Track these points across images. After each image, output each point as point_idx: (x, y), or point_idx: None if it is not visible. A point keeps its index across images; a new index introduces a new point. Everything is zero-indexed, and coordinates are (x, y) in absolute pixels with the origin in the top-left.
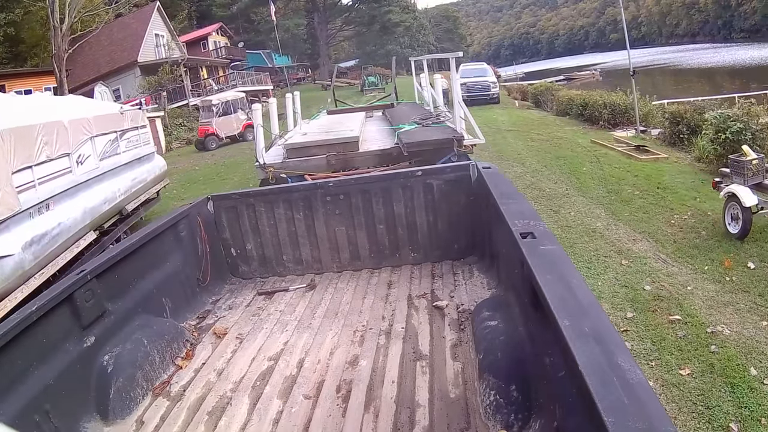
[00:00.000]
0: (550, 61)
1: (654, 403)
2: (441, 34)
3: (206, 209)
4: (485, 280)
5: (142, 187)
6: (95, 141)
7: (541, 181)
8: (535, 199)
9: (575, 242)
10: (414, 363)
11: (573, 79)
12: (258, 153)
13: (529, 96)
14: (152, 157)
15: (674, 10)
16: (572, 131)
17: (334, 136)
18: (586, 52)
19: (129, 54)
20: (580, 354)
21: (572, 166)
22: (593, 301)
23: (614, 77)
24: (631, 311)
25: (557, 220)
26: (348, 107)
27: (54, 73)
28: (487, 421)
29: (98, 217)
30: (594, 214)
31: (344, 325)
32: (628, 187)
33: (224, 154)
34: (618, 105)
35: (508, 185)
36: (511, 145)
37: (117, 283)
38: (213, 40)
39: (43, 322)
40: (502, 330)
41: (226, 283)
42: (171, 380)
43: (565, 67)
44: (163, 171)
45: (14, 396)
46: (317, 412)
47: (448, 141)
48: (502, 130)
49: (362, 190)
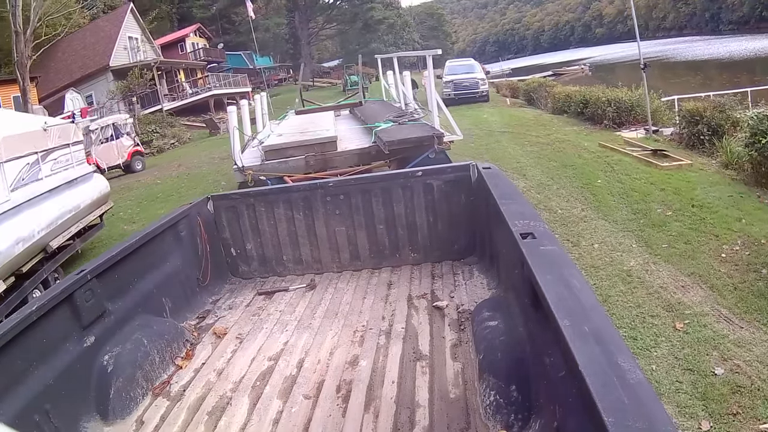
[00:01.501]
0: (536, 57)
1: (654, 403)
2: (426, 32)
3: (206, 209)
4: (485, 280)
5: (75, 215)
6: (4, 167)
7: (550, 198)
8: None
9: (608, 293)
10: (414, 363)
11: (561, 74)
12: (235, 156)
13: (521, 93)
14: (89, 178)
15: (661, 3)
16: (574, 132)
17: (312, 137)
18: (572, 47)
19: (101, 58)
20: (580, 354)
21: (584, 177)
22: (593, 301)
23: (603, 71)
24: (706, 417)
25: (579, 256)
26: (316, 107)
27: (17, 82)
28: (487, 421)
29: (6, 263)
30: (624, 247)
31: (344, 325)
32: (657, 205)
33: (190, 164)
34: (624, 102)
35: (509, 185)
36: (508, 151)
37: (117, 282)
38: (191, 41)
39: (43, 322)
40: (502, 330)
41: (226, 283)
42: (171, 380)
43: (552, 62)
44: (105, 193)
45: (14, 396)
46: (317, 412)
47: (428, 138)
48: (495, 132)
49: (362, 190)
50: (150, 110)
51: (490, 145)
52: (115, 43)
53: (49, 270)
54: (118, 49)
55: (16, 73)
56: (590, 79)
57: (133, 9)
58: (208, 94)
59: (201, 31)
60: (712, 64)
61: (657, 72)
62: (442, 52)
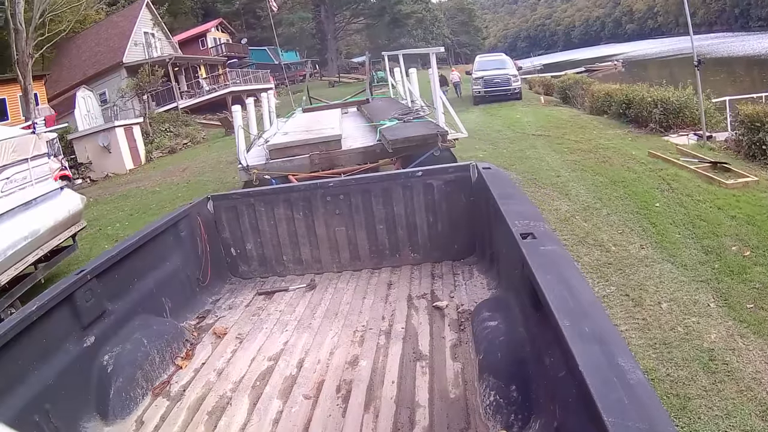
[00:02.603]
0: (567, 53)
1: (654, 403)
2: (456, 27)
3: (206, 209)
4: (485, 280)
5: (33, 242)
6: None
7: (600, 228)
8: (596, 269)
9: (688, 394)
10: (414, 363)
11: (594, 70)
12: (240, 155)
13: (556, 90)
14: (54, 196)
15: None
16: (618, 137)
17: (316, 135)
18: (603, 43)
19: (115, 55)
20: (580, 354)
21: (638, 198)
22: (594, 301)
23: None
24: None
25: (644, 325)
26: (323, 104)
27: (18, 81)
28: (487, 422)
29: None
30: (699, 307)
31: (344, 325)
32: (731, 241)
33: (196, 168)
34: (672, 103)
35: (509, 185)
36: (546, 160)
37: (117, 282)
38: (212, 36)
39: (43, 322)
40: (502, 330)
41: (226, 282)
42: (171, 380)
43: (583, 58)
44: (76, 211)
45: (14, 396)
46: (317, 412)
47: (432, 137)
48: (529, 136)
49: (362, 190)
50: (165, 108)
51: (525, 152)
52: (129, 39)
53: (1, 307)
54: (132, 45)
55: (16, 72)
56: (624, 75)
57: (149, 4)
58: (226, 91)
59: (223, 26)
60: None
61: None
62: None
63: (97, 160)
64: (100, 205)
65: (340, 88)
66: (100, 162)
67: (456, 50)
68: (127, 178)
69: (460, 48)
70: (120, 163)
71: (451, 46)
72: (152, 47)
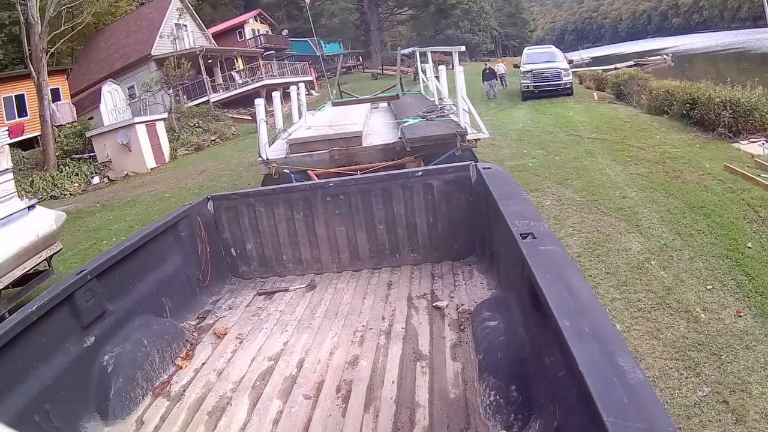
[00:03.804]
0: (614, 46)
1: (654, 403)
2: (504, 19)
3: (206, 209)
4: (485, 280)
5: None
6: None
7: (683, 280)
8: (682, 353)
9: None
10: (414, 363)
11: (644, 64)
12: (261, 148)
13: (609, 85)
14: (19, 217)
15: None
16: (684, 143)
17: (337, 131)
18: (649, 37)
19: (143, 47)
20: (580, 354)
21: (724, 233)
22: (593, 301)
23: (688, 62)
24: None
25: None
26: (353, 98)
27: (31, 77)
28: (487, 421)
29: None
30: None
31: (344, 325)
32: None
33: (215, 170)
34: (741, 104)
35: (509, 185)
36: (606, 173)
37: (117, 283)
38: (250, 28)
39: (43, 322)
40: (502, 330)
41: (226, 283)
42: (171, 380)
43: (630, 52)
44: (49, 233)
45: (14, 396)
46: (317, 412)
47: (450, 136)
48: (584, 139)
49: (362, 190)
50: (196, 102)
51: (581, 161)
52: (159, 31)
53: None
54: (161, 37)
55: (29, 67)
56: (675, 70)
57: None
58: (259, 84)
59: (262, 17)
60: None
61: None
62: (521, 40)
63: (117, 159)
64: (105, 212)
65: (382, 81)
66: (120, 160)
67: (503, 42)
68: (145, 178)
69: (507, 40)
70: (140, 162)
71: (499, 38)
72: (183, 39)
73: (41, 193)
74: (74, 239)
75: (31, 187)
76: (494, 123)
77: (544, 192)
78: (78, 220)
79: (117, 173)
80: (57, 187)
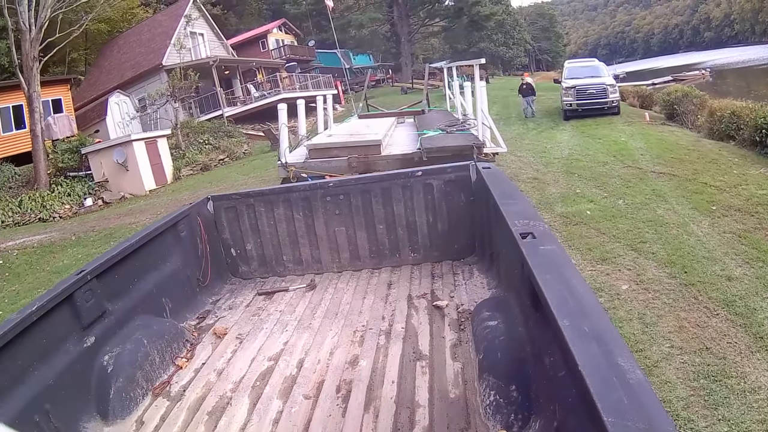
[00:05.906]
0: (647, 61)
1: (654, 403)
2: (537, 33)
3: (206, 209)
4: (485, 280)
5: None
6: None
7: None
8: None
9: None
10: (414, 363)
11: (682, 79)
12: (281, 152)
13: (659, 104)
14: None
15: (766, 6)
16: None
17: (358, 139)
18: (681, 51)
19: (155, 56)
20: (580, 354)
21: None
22: (593, 301)
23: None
24: None
25: None
26: (380, 112)
27: (21, 88)
28: (487, 421)
29: None
30: None
31: (344, 325)
32: None
33: None
34: None
35: (509, 185)
36: (690, 230)
37: (117, 283)
38: (274, 38)
39: (43, 322)
40: (502, 330)
41: (226, 283)
42: (171, 380)
43: (664, 66)
44: None
45: (14, 396)
46: (317, 412)
47: (467, 148)
48: (647, 174)
49: (362, 190)
50: (209, 116)
51: (653, 209)
52: (171, 39)
53: None
54: (173, 45)
55: (19, 77)
56: (716, 86)
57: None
58: (276, 98)
59: (287, 27)
60: None
61: None
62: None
63: (114, 178)
64: (78, 248)
65: (411, 95)
66: (117, 180)
67: (537, 57)
68: (140, 203)
69: (540, 54)
70: (138, 183)
71: (533, 52)
72: (198, 48)
73: (29, 215)
74: (35, 282)
75: (19, 208)
76: (535, 148)
77: (615, 265)
78: (48, 256)
79: (113, 194)
80: (46, 209)
